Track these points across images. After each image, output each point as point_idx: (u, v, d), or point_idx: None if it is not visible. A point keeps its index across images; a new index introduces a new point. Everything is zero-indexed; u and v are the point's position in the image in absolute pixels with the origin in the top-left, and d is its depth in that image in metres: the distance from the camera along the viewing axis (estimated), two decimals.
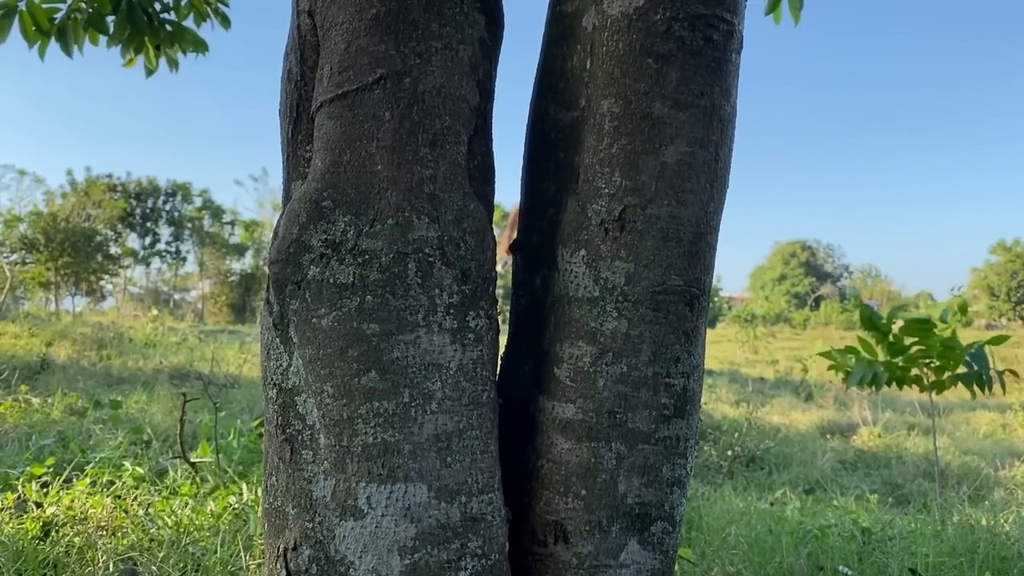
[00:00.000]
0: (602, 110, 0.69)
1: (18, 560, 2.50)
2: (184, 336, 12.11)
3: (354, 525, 0.65)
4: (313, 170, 0.69)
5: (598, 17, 0.69)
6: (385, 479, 0.65)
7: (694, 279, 0.70)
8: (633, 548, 0.71)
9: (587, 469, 0.70)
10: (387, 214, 0.65)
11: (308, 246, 0.65)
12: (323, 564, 0.66)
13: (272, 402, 0.69)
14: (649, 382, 0.70)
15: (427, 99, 0.67)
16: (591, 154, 0.70)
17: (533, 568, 0.72)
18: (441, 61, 0.67)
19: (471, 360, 0.68)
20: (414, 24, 0.67)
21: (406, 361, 0.66)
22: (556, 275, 0.73)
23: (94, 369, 7.55)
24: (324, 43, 0.70)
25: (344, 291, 0.65)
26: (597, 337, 0.70)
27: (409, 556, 0.65)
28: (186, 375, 7.84)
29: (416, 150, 0.66)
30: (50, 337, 9.60)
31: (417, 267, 0.65)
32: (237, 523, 3.10)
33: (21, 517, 3.02)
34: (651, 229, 0.69)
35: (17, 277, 20.87)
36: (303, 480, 0.67)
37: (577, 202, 0.71)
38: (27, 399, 5.29)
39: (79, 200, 26.61)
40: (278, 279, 0.66)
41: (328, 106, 0.68)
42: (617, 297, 0.70)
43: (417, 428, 0.66)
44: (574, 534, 0.70)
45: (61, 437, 4.27)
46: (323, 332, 0.65)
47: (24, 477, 3.44)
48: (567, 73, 0.74)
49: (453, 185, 0.68)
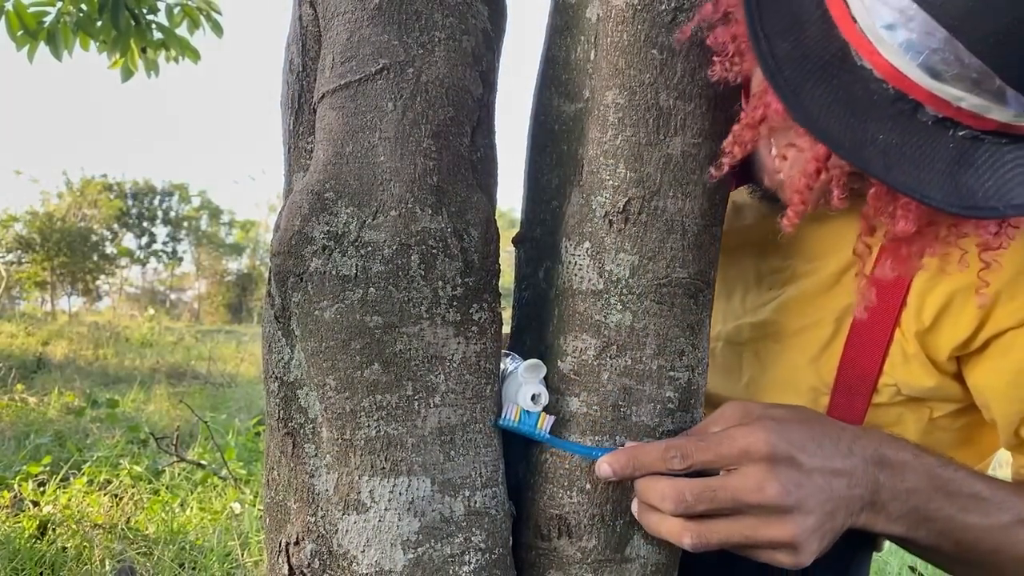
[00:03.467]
0: (606, 101, 0.69)
1: (14, 559, 2.49)
2: (181, 336, 12.08)
3: (357, 519, 0.65)
4: (315, 162, 0.68)
5: (602, 7, 0.69)
6: (388, 473, 0.65)
7: (699, 271, 0.70)
8: (637, 542, 0.71)
9: (591, 462, 0.69)
10: (390, 205, 0.64)
11: (310, 238, 0.65)
12: (326, 558, 0.65)
13: (273, 396, 0.68)
14: (654, 375, 0.70)
15: (430, 90, 0.66)
16: (595, 146, 0.70)
17: (536, 562, 0.71)
18: (444, 52, 0.67)
19: (474, 353, 0.68)
20: (417, 14, 0.66)
21: (409, 354, 0.65)
22: (559, 268, 0.73)
23: (91, 368, 7.53)
24: (326, 33, 0.69)
25: (347, 283, 0.64)
26: (601, 330, 0.70)
27: (413, 550, 0.64)
28: (183, 374, 7.82)
29: (419, 141, 0.65)
30: (46, 336, 9.58)
31: (420, 259, 0.65)
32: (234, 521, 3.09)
33: (18, 516, 3.01)
34: (656, 221, 0.68)
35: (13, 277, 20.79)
36: (305, 474, 0.66)
37: (581, 194, 0.71)
38: (23, 398, 5.27)
39: (75, 200, 26.56)
40: (280, 271, 0.66)
41: (330, 97, 0.67)
42: (621, 290, 0.69)
43: (420, 421, 0.65)
44: (578, 528, 0.70)
45: (58, 436, 4.26)
46: (325, 324, 0.65)
47: (21, 476, 3.43)
48: (571, 64, 0.73)
49: (457, 176, 0.67)
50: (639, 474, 0.65)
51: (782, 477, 0.59)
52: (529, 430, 0.69)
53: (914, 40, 0.51)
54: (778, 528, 0.60)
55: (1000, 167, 0.52)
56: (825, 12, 0.56)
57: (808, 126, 0.54)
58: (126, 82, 3.30)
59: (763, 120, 0.61)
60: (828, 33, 0.56)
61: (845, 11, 0.54)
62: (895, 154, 0.52)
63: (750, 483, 0.60)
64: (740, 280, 0.88)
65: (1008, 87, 0.49)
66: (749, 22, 0.57)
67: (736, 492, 0.60)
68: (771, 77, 0.55)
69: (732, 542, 0.62)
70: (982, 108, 0.51)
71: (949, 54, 0.50)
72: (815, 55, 0.56)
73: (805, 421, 0.64)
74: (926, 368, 0.76)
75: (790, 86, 0.55)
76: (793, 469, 0.60)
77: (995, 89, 0.50)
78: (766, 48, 0.56)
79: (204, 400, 6.00)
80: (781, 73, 0.55)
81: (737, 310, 0.87)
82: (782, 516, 0.60)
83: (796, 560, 0.61)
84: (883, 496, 0.64)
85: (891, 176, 0.52)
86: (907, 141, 0.52)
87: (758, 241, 0.85)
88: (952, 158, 0.52)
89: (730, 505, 0.61)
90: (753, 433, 0.61)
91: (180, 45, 3.38)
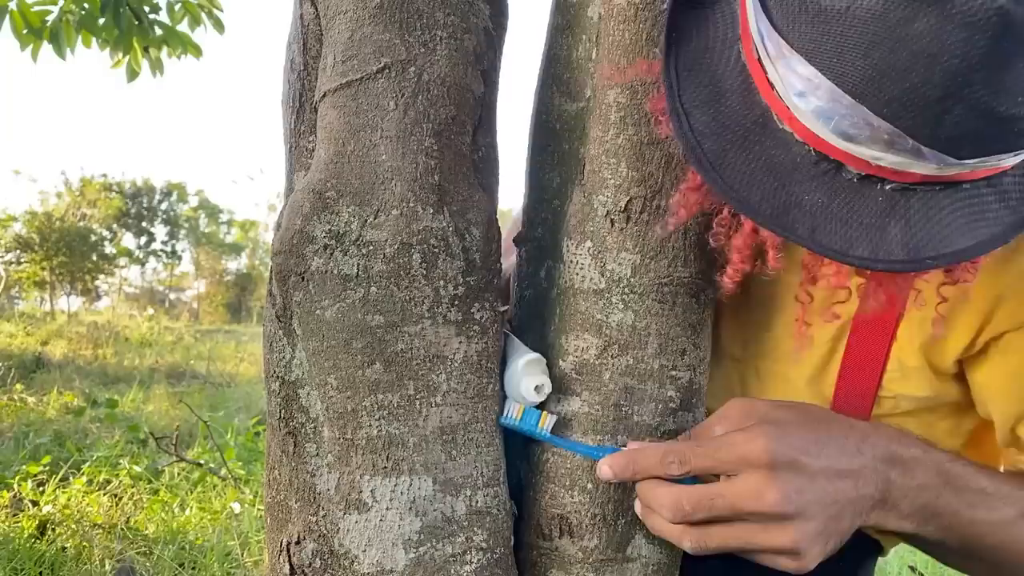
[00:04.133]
0: (608, 100, 0.68)
1: (14, 559, 2.49)
2: (180, 335, 12.08)
3: (358, 518, 0.65)
4: (316, 160, 0.68)
5: (604, 6, 0.69)
6: (390, 472, 0.64)
7: (700, 270, 0.70)
8: (639, 542, 0.70)
9: (593, 462, 0.69)
10: (392, 204, 0.64)
11: (311, 237, 0.64)
12: (327, 558, 0.65)
13: (275, 395, 0.68)
14: (655, 375, 0.70)
15: (432, 88, 0.66)
16: (597, 145, 0.70)
17: (538, 562, 0.71)
18: (446, 50, 0.67)
19: (476, 352, 0.68)
20: (419, 13, 0.66)
21: (410, 353, 0.65)
22: (561, 267, 0.73)
23: (90, 368, 7.53)
24: (327, 32, 0.69)
25: (348, 282, 0.64)
26: (603, 329, 0.70)
27: (414, 550, 0.64)
28: (182, 374, 7.82)
29: (421, 140, 0.65)
30: (45, 336, 9.57)
31: (422, 258, 0.65)
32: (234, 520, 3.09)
33: (17, 516, 3.01)
34: (658, 220, 0.68)
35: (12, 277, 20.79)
36: (306, 473, 0.66)
37: (582, 193, 0.71)
38: (22, 397, 5.26)
39: (74, 200, 26.56)
40: (281, 270, 0.66)
41: (331, 95, 0.67)
42: (623, 289, 0.69)
43: (422, 421, 0.65)
44: (579, 528, 0.70)
45: (57, 436, 4.25)
46: (327, 324, 0.64)
47: (20, 476, 3.42)
48: (572, 63, 0.73)
49: (458, 175, 0.67)
50: (639, 477, 0.65)
51: (782, 484, 0.59)
52: (530, 428, 0.69)
53: (823, 107, 0.51)
54: (779, 535, 0.59)
55: (935, 214, 0.52)
56: (747, 79, 0.57)
57: (728, 196, 0.55)
58: (132, 82, 3.30)
59: (702, 185, 0.62)
60: (749, 100, 0.56)
61: (764, 77, 0.55)
62: (821, 215, 0.52)
63: (749, 491, 0.59)
64: (742, 296, 0.88)
65: (922, 146, 0.49)
66: (669, 96, 0.58)
67: (735, 500, 0.60)
68: (691, 151, 0.56)
69: (732, 547, 0.62)
70: (902, 164, 0.51)
71: (858, 119, 0.49)
72: (736, 124, 0.56)
73: (809, 423, 0.63)
74: (926, 378, 0.75)
75: (709, 158, 0.56)
76: (794, 474, 0.59)
77: (909, 148, 0.49)
78: (685, 123, 0.57)
79: (203, 400, 6.00)
80: (700, 146, 0.56)
81: (742, 327, 0.87)
82: (782, 523, 0.59)
83: (799, 565, 0.60)
84: (894, 494, 0.63)
85: (815, 239, 0.52)
86: (833, 200, 0.52)
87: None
88: (882, 211, 0.52)
89: (728, 513, 0.60)
90: (753, 440, 0.60)
91: (182, 41, 3.38)
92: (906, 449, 0.65)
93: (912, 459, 0.65)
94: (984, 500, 0.67)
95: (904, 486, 0.64)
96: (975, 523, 0.67)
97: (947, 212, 0.52)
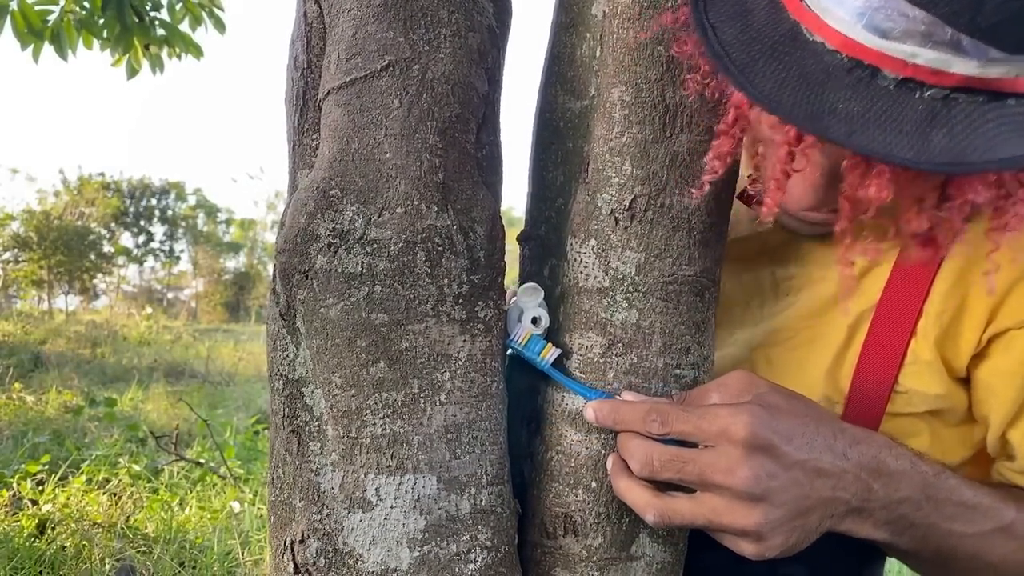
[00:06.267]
0: (612, 98, 0.68)
1: (13, 558, 2.49)
2: (178, 334, 12.06)
3: (363, 517, 0.64)
4: (320, 159, 0.68)
5: (608, 4, 0.69)
6: (394, 470, 0.64)
7: (705, 269, 0.70)
8: (644, 540, 0.70)
9: (597, 461, 0.69)
10: (396, 203, 0.64)
11: (315, 235, 0.64)
12: (331, 556, 0.65)
13: (278, 393, 0.68)
14: (659, 373, 0.70)
15: (436, 87, 0.66)
16: (601, 143, 0.69)
17: (542, 561, 0.71)
18: (450, 48, 0.67)
19: (480, 351, 0.68)
20: (423, 11, 0.66)
21: (415, 351, 0.65)
22: (565, 265, 0.73)
23: (88, 367, 7.52)
24: (331, 30, 0.69)
25: (352, 281, 0.64)
26: (607, 328, 0.70)
27: (419, 548, 0.64)
28: (181, 373, 7.81)
29: (425, 138, 0.65)
30: (44, 335, 9.56)
31: (426, 256, 0.65)
32: (233, 519, 3.09)
33: (16, 515, 3.00)
34: (662, 218, 0.68)
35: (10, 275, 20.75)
36: (310, 472, 0.66)
37: (587, 191, 0.71)
38: (21, 396, 5.26)
39: (72, 198, 26.52)
40: (285, 269, 0.66)
41: (335, 94, 0.67)
42: (627, 287, 0.69)
43: (426, 419, 0.65)
44: (583, 526, 0.70)
45: (56, 435, 4.25)
46: (331, 322, 0.64)
47: (19, 475, 3.42)
48: (576, 61, 0.73)
49: (463, 174, 0.67)
50: (620, 428, 0.65)
51: (755, 464, 0.58)
52: (532, 356, 0.70)
53: (857, 3, 0.49)
54: (743, 515, 0.58)
55: (980, 125, 0.49)
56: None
57: (760, 100, 0.52)
58: (131, 80, 3.30)
59: (736, 122, 0.60)
60: (776, 16, 0.55)
61: None
62: (858, 121, 0.49)
63: (721, 463, 0.58)
64: (756, 286, 0.87)
65: (962, 35, 0.46)
66: (695, 13, 0.57)
67: (705, 468, 0.59)
68: (718, 60, 0.54)
69: (695, 523, 0.61)
70: (940, 62, 0.48)
71: (892, 10, 0.47)
72: (764, 37, 0.55)
73: (801, 414, 0.63)
74: (939, 375, 0.75)
75: (739, 67, 0.54)
76: (770, 459, 0.59)
77: (948, 39, 0.47)
78: (712, 35, 0.55)
79: (202, 399, 6.00)
80: (729, 55, 0.54)
81: (755, 316, 0.87)
82: (749, 504, 0.58)
83: (759, 549, 0.59)
84: (873, 505, 0.63)
85: (854, 141, 0.49)
86: (870, 108, 0.50)
87: (775, 247, 0.85)
88: (922, 119, 0.49)
89: (696, 480, 0.60)
90: (737, 415, 0.59)
91: (183, 41, 3.38)
92: (895, 460, 0.64)
93: (899, 471, 0.64)
94: (963, 513, 0.66)
95: (885, 498, 0.63)
96: (951, 535, 0.66)
97: (992, 125, 0.49)
